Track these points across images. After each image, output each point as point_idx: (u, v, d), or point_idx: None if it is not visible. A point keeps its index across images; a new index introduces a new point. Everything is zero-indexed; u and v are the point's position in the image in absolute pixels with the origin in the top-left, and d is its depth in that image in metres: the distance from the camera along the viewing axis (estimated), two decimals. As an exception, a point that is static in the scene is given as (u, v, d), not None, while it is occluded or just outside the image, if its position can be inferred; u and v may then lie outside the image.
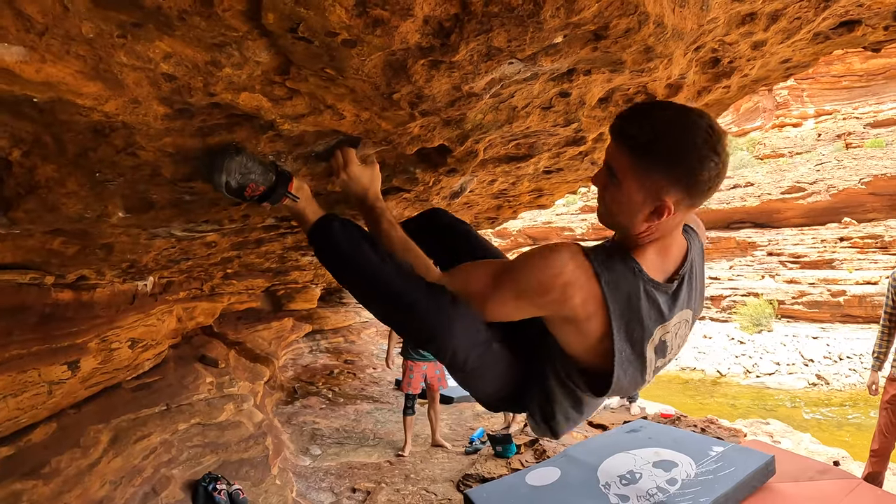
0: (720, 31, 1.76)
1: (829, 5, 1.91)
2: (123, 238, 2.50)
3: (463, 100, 1.44)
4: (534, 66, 1.38)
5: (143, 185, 1.76)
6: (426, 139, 1.70)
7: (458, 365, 1.57)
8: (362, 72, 1.27)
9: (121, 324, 4.29)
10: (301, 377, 9.33)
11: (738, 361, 22.23)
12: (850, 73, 36.56)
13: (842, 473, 4.24)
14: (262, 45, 1.17)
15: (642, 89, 1.92)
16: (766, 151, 35.49)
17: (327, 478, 5.37)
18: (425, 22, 1.15)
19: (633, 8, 1.23)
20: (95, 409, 4.28)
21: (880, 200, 26.65)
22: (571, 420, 1.74)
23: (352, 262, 1.66)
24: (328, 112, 1.46)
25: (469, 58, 1.28)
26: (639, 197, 1.36)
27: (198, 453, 4.71)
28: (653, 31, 1.34)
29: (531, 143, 2.30)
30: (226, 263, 4.66)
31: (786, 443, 7.36)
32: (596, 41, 1.34)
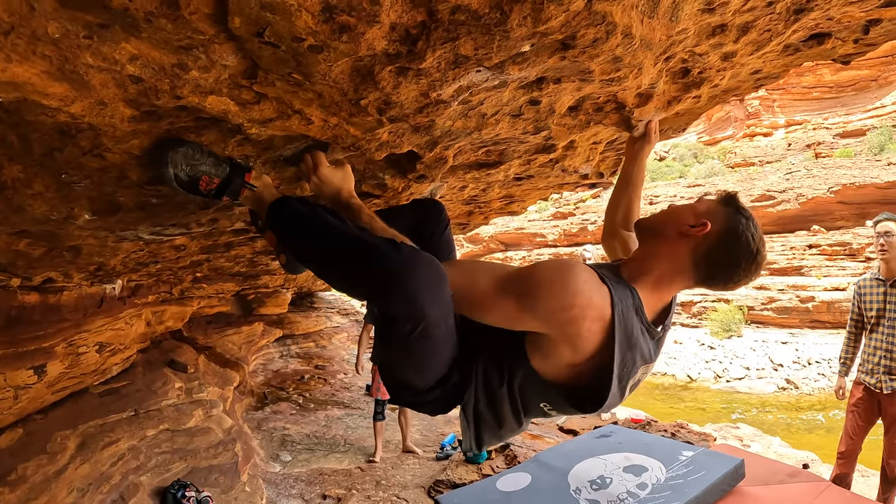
0: (690, 42, 1.77)
1: (798, 18, 1.91)
2: (91, 240, 2.48)
3: (431, 106, 1.44)
4: (501, 75, 1.38)
5: (110, 188, 1.75)
6: (395, 145, 1.69)
7: (407, 326, 1.49)
8: (329, 77, 1.26)
9: (88, 327, 4.25)
10: (271, 382, 9.23)
11: (708, 366, 22.51)
12: (821, 84, 37.40)
13: (811, 476, 4.23)
14: (230, 48, 1.16)
15: (612, 98, 1.92)
16: (736, 160, 36.08)
17: (297, 484, 5.32)
18: (392, 29, 1.15)
19: (600, 18, 1.24)
20: (62, 415, 4.24)
21: (848, 209, 27.21)
22: (498, 436, 1.75)
23: (311, 226, 1.64)
24: (296, 117, 1.45)
25: (436, 65, 1.28)
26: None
27: (166, 460, 4.65)
28: (621, 42, 1.35)
29: (501, 150, 2.30)
30: (195, 267, 4.61)
31: (755, 446, 7.41)
32: (564, 50, 1.34)
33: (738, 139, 39.85)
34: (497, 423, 1.70)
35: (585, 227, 34.34)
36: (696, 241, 1.57)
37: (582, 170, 3.08)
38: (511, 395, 1.63)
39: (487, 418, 1.68)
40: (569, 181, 3.45)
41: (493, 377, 1.63)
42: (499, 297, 1.51)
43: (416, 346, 1.55)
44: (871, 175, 26.91)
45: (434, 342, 1.55)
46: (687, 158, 40.10)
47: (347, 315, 13.62)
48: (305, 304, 12.89)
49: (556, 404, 1.65)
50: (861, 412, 4.65)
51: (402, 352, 1.60)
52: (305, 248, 1.69)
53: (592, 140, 2.80)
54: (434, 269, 1.54)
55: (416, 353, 1.58)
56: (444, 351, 1.61)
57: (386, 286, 1.48)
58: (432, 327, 1.51)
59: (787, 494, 3.87)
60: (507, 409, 1.66)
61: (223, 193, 1.68)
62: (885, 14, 2.21)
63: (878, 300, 4.55)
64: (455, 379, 1.65)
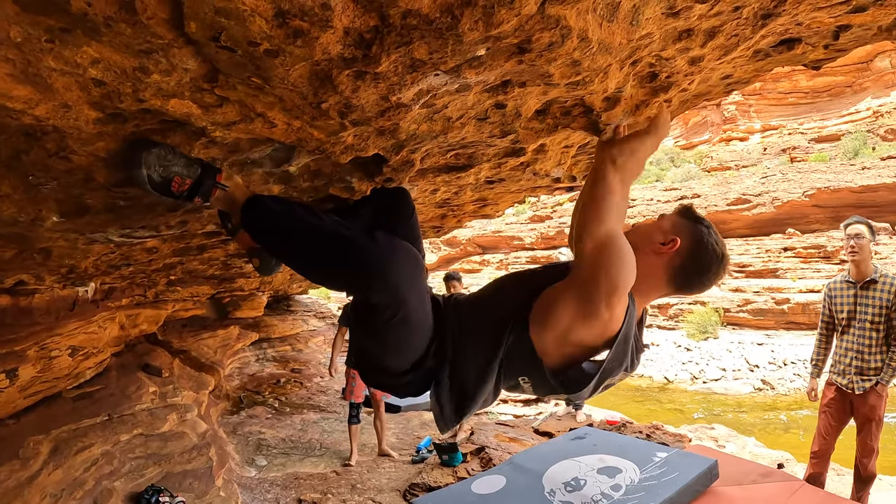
0: (656, 47, 1.78)
1: (766, 23, 1.92)
2: (61, 242, 2.48)
3: (392, 110, 1.45)
4: (459, 78, 1.39)
5: (78, 190, 1.76)
6: (360, 148, 1.70)
7: (388, 312, 1.59)
8: (288, 81, 1.28)
9: (61, 331, 4.22)
10: (247, 386, 9.18)
11: (685, 368, 22.65)
12: (797, 90, 37.95)
13: (785, 476, 4.27)
14: (189, 52, 1.17)
15: (580, 102, 1.93)
16: (713, 164, 36.47)
17: (273, 489, 5.29)
18: (346, 33, 1.16)
19: (554, 22, 1.25)
20: (35, 420, 4.21)
21: (823, 212, 27.59)
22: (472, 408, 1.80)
23: (287, 222, 1.71)
24: (259, 120, 1.46)
25: (394, 69, 1.29)
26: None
27: (140, 465, 4.62)
28: (577, 46, 1.36)
29: (470, 154, 2.31)
30: (168, 270, 4.58)
31: (730, 447, 7.47)
32: (520, 54, 1.36)
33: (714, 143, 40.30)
34: (474, 396, 1.76)
35: (562, 230, 34.47)
36: (668, 256, 1.70)
37: (553, 173, 3.10)
38: (499, 368, 1.72)
39: (467, 391, 1.75)
40: (541, 185, 3.47)
41: (480, 352, 1.71)
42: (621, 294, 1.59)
43: (396, 331, 1.65)
44: (845, 179, 27.31)
45: (412, 327, 1.67)
46: (664, 162, 40.42)
47: (324, 318, 13.59)
48: (282, 308, 12.85)
49: (535, 380, 1.73)
50: (833, 412, 4.73)
51: (382, 338, 1.70)
52: (282, 245, 1.76)
53: (564, 144, 2.82)
54: (412, 257, 1.67)
55: (395, 339, 1.69)
56: (421, 335, 1.71)
57: (367, 277, 1.57)
58: (412, 312, 1.63)
59: (761, 494, 3.92)
60: (491, 380, 1.74)
61: (195, 194, 1.69)
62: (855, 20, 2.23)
63: (849, 302, 4.63)
64: (430, 363, 1.74)
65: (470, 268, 36.66)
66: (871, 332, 4.46)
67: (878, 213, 26.62)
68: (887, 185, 26.22)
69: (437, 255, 39.10)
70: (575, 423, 7.07)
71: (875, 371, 4.46)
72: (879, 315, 4.43)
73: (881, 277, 4.47)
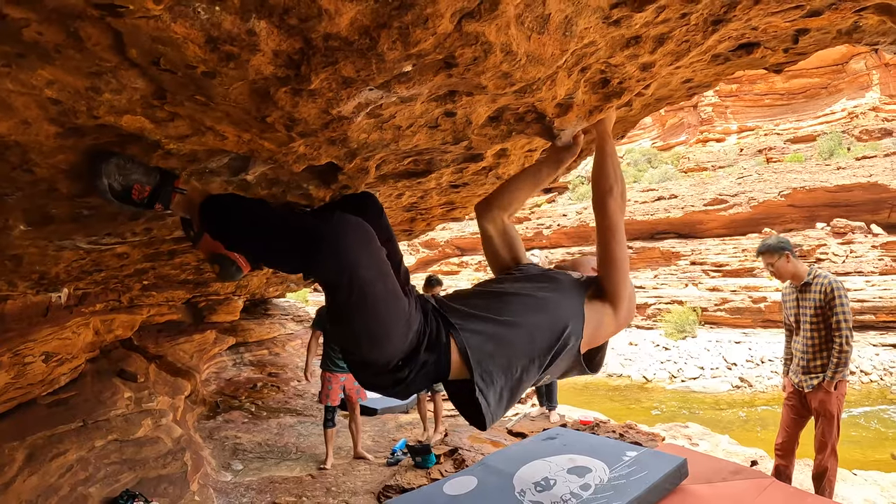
0: (604, 54, 1.82)
1: (717, 29, 1.96)
2: (32, 249, 2.51)
3: (336, 122, 1.50)
4: (390, 93, 1.43)
5: (43, 200, 1.82)
6: (312, 157, 1.74)
7: (344, 290, 1.62)
8: (230, 98, 1.33)
9: (34, 337, 4.22)
10: (224, 391, 9.13)
11: (663, 367, 22.78)
12: (773, 91, 38.31)
13: (754, 473, 4.38)
14: (135, 73, 1.24)
15: (532, 108, 1.98)
16: (689, 165, 36.69)
17: (248, 493, 5.27)
18: (275, 55, 1.22)
19: (473, 39, 1.29)
20: (9, 426, 4.21)
21: (799, 212, 27.89)
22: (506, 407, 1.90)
23: (238, 212, 1.78)
24: (210, 133, 1.51)
25: (327, 86, 1.34)
26: None
27: (115, 470, 4.62)
28: (503, 59, 1.40)
29: (428, 160, 2.35)
30: (141, 275, 4.57)
31: (704, 445, 7.50)
32: (448, 69, 1.40)
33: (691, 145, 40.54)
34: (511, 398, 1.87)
35: (541, 231, 34.53)
36: None
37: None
38: (538, 365, 1.86)
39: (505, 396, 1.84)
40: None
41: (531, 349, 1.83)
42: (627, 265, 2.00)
43: (360, 312, 1.65)
44: (820, 179, 27.56)
45: (375, 305, 1.65)
46: (641, 164, 40.59)
47: (301, 322, 13.54)
48: (259, 312, 12.78)
49: (557, 369, 1.96)
50: (792, 406, 4.90)
51: (350, 325, 1.69)
52: (237, 233, 1.78)
53: (527, 148, 2.86)
54: (361, 230, 1.67)
55: (363, 324, 1.67)
56: (395, 318, 1.69)
57: (316, 250, 1.59)
58: (368, 286, 1.62)
59: (730, 491, 3.98)
60: (534, 376, 1.89)
61: (156, 200, 1.72)
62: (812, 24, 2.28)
63: (793, 305, 4.85)
64: (424, 357, 1.74)
65: (448, 270, 36.63)
66: (813, 332, 4.63)
67: (853, 212, 26.97)
68: (862, 184, 26.51)
69: (416, 257, 39.04)
70: (549, 423, 7.12)
71: (820, 368, 4.62)
72: (816, 315, 4.60)
73: (814, 279, 4.64)
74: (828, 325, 4.56)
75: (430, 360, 1.76)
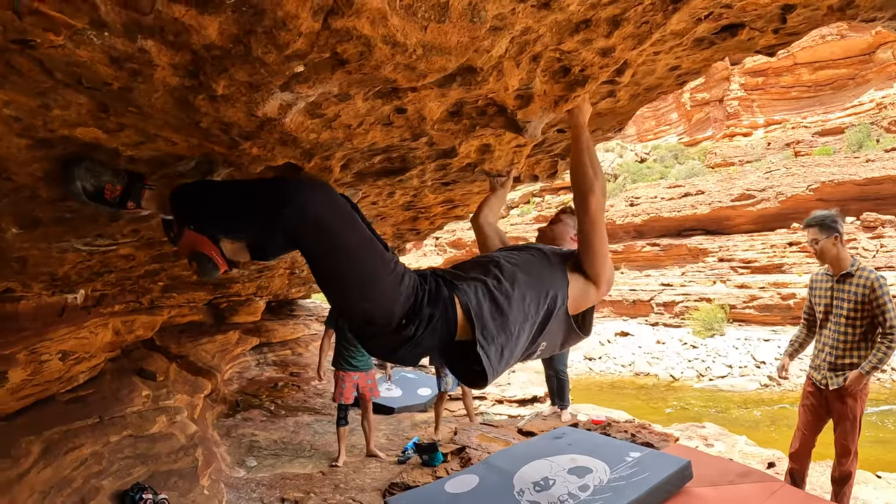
0: (550, 40, 1.79)
1: (678, 8, 1.91)
2: (35, 251, 2.64)
3: (268, 123, 1.55)
4: (293, 94, 1.47)
5: (28, 205, 1.96)
6: (268, 158, 1.79)
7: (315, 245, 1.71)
8: (157, 108, 1.43)
9: (50, 336, 4.30)
10: (246, 390, 9.22)
11: (690, 365, 22.60)
12: (799, 83, 37.66)
13: (764, 477, 4.20)
14: (73, 91, 1.36)
15: (491, 102, 2.01)
16: (716, 160, 36.26)
17: (259, 489, 5.35)
18: (174, 67, 1.30)
19: (347, 34, 1.30)
20: (27, 421, 4.32)
21: (827, 206, 26.96)
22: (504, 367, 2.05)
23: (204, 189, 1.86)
24: (160, 139, 1.62)
25: (235, 90, 1.40)
26: None
27: (128, 465, 4.72)
28: (393, 51, 1.40)
29: (401, 157, 2.38)
30: (153, 276, 4.67)
31: (719, 446, 7.35)
32: (342, 66, 1.41)
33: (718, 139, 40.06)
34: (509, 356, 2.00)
35: (568, 228, 34.38)
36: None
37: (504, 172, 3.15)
38: (538, 328, 2.04)
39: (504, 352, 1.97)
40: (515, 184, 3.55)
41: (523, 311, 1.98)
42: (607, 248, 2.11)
43: (339, 266, 1.74)
44: (849, 172, 27.11)
45: (350, 252, 1.73)
46: (667, 160, 40.25)
47: (326, 322, 13.58)
48: (284, 313, 12.84)
49: (551, 339, 2.13)
50: (811, 407, 4.62)
51: (335, 281, 1.80)
52: (207, 210, 1.83)
53: (515, 143, 2.86)
54: (320, 185, 1.75)
55: (346, 276, 1.76)
56: (377, 265, 1.77)
57: (279, 208, 1.63)
58: (338, 237, 1.70)
59: (736, 495, 3.88)
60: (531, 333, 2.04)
61: (127, 198, 1.79)
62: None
63: (826, 295, 4.50)
64: (428, 312, 1.83)
65: (477, 269, 36.69)
66: (847, 326, 4.30)
67: (883, 205, 26.47)
68: (892, 176, 26.03)
69: (444, 257, 39.18)
70: (560, 422, 7.06)
71: (849, 367, 4.31)
72: (854, 310, 4.27)
73: (857, 271, 4.30)
74: (865, 320, 4.25)
75: (436, 314, 1.84)
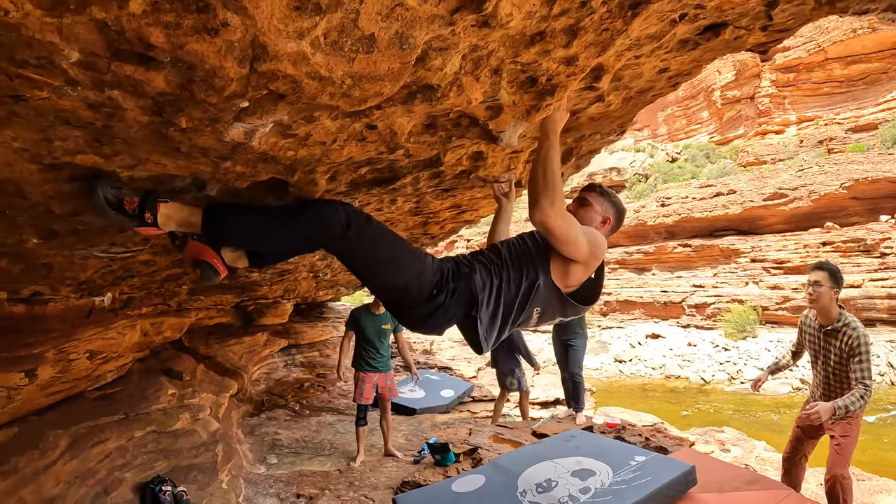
0: (505, 54, 1.89)
1: (637, 13, 1.97)
2: (59, 258, 2.90)
3: (239, 147, 1.72)
4: (247, 124, 1.64)
5: (44, 219, 2.22)
6: (252, 174, 1.96)
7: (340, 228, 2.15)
8: (138, 139, 1.65)
9: (78, 336, 4.50)
10: (272, 391, 9.40)
11: (722, 368, 22.36)
12: (831, 79, 36.88)
13: (772, 484, 4.28)
14: (69, 127, 1.58)
15: (463, 114, 2.16)
16: (748, 159, 35.75)
17: (276, 485, 5.51)
18: (142, 109, 1.52)
19: (273, 76, 1.48)
20: (56, 417, 4.54)
21: (861, 204, 26.80)
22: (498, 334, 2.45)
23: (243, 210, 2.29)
24: (150, 162, 1.84)
25: (199, 123, 1.60)
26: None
27: (151, 458, 4.94)
28: (322, 85, 1.56)
29: (389, 167, 2.51)
30: (176, 280, 4.86)
31: (736, 451, 7.33)
32: (282, 99, 1.59)
33: (749, 137, 39.44)
34: (503, 323, 2.40)
35: (599, 230, 34.19)
36: (607, 227, 2.64)
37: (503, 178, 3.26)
38: (524, 302, 2.38)
39: (497, 319, 2.37)
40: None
41: (513, 289, 2.37)
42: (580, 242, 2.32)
43: (366, 242, 2.23)
44: (883, 169, 26.35)
45: (376, 238, 2.24)
46: (699, 159, 39.85)
47: (355, 324, 13.67)
48: (314, 315, 12.95)
49: (548, 308, 2.48)
50: (805, 427, 4.82)
51: (364, 259, 2.29)
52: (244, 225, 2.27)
53: (510, 150, 2.96)
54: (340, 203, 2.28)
55: (374, 251, 2.25)
56: (402, 245, 2.33)
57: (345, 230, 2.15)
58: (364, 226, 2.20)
59: (740, 501, 3.89)
60: (514, 311, 2.39)
61: (145, 209, 2.02)
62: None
63: (815, 341, 4.75)
64: (452, 285, 2.31)
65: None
66: (833, 373, 4.57)
67: (919, 203, 25.93)
68: (928, 173, 25.49)
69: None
70: (574, 425, 7.03)
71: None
72: (839, 363, 4.50)
73: (843, 327, 4.49)
74: (848, 372, 4.45)
75: (459, 287, 2.32)
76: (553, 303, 2.46)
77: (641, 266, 33.20)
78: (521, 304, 2.39)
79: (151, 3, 1.18)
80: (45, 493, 3.86)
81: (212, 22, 1.24)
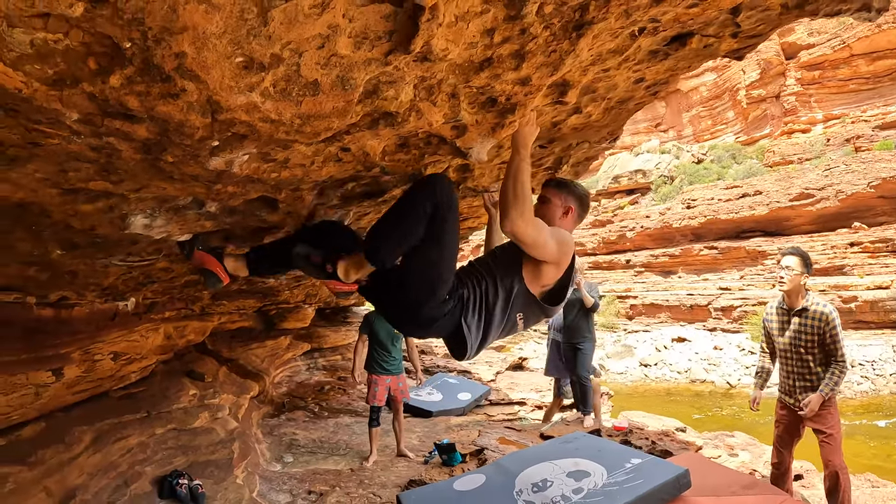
0: (456, 80, 2.07)
1: (582, 34, 2.07)
2: (82, 266, 3.19)
3: (223, 174, 1.97)
4: (221, 157, 1.89)
5: (65, 234, 2.54)
6: (243, 194, 2.20)
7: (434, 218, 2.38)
8: (137, 170, 1.95)
9: (103, 338, 4.79)
10: (294, 393, 9.57)
11: (748, 372, 22.01)
12: (857, 75, 36.23)
13: (769, 489, 4.33)
14: (79, 161, 1.87)
15: (430, 134, 2.38)
16: (775, 159, 35.35)
17: (290, 482, 5.71)
18: (134, 149, 1.81)
19: (232, 122, 1.75)
20: (82, 413, 4.82)
21: (889, 203, 26.37)
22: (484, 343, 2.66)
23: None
24: (153, 186, 2.12)
25: (181, 159, 1.89)
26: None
27: (170, 454, 5.22)
28: (275, 125, 1.83)
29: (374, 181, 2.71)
30: (195, 285, 5.09)
31: (744, 455, 7.32)
32: (246, 137, 1.86)
33: (775, 137, 38.97)
34: (486, 333, 2.59)
35: (624, 233, 34.20)
36: (570, 218, 2.75)
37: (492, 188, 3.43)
38: (504, 308, 2.55)
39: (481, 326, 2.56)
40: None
41: (493, 297, 2.53)
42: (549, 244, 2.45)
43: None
44: (912, 167, 26.12)
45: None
46: (725, 160, 39.58)
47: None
48: (338, 319, 13.08)
49: (528, 313, 2.64)
50: (785, 426, 5.02)
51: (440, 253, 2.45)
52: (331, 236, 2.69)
53: (498, 161, 3.14)
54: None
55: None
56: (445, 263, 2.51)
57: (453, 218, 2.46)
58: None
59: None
60: (497, 319, 2.56)
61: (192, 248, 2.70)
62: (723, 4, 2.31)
63: (783, 326, 4.93)
64: (461, 292, 2.50)
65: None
66: (807, 354, 4.73)
67: (947, 202, 25.51)
68: (956, 171, 25.05)
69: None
70: (583, 428, 7.11)
71: (812, 384, 4.75)
72: (811, 341, 4.69)
73: (811, 305, 4.73)
74: (822, 347, 4.67)
75: (465, 294, 2.50)
76: (531, 306, 2.62)
77: (667, 269, 33.06)
78: (503, 310, 2.55)
79: (126, 77, 1.46)
80: (68, 483, 4.10)
81: (173, 89, 1.54)
